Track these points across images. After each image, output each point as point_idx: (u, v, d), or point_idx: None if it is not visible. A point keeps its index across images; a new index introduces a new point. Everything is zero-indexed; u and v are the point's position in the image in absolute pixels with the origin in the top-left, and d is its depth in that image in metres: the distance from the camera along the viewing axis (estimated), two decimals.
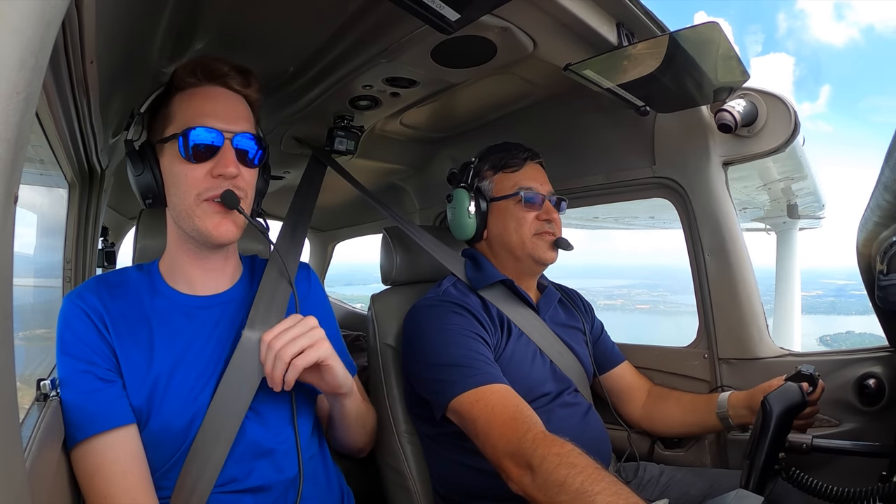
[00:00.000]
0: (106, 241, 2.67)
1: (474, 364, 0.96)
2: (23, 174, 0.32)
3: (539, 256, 1.14)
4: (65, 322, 0.77)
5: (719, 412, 1.11)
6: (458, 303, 1.07)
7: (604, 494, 0.68)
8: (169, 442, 0.76)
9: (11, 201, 0.30)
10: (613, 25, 0.96)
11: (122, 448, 0.73)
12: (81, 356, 0.75)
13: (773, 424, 0.76)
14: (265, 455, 0.81)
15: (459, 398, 0.92)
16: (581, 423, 1.08)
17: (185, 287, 0.85)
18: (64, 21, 0.46)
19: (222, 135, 0.78)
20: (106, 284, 0.82)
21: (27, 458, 0.55)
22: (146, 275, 0.86)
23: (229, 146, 0.78)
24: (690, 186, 1.24)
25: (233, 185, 0.78)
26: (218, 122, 0.78)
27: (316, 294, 0.99)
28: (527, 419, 0.85)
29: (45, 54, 0.31)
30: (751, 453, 0.77)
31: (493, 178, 1.19)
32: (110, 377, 0.75)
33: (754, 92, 1.14)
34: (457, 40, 0.94)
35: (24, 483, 0.38)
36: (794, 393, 0.79)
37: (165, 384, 0.77)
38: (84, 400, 0.73)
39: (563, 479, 0.72)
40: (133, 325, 0.79)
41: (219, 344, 0.82)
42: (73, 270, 1.17)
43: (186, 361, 0.79)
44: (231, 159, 0.78)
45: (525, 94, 1.34)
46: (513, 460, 0.81)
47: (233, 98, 0.83)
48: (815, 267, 76.05)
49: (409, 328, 1.10)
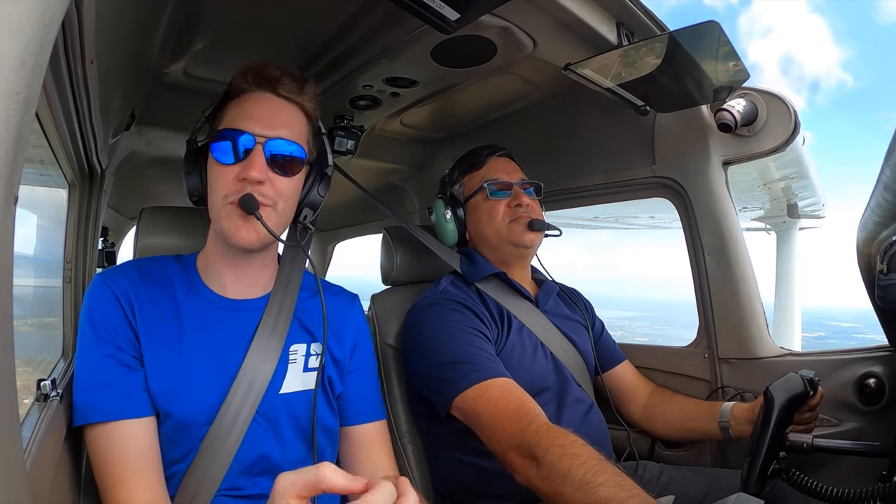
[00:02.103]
0: (106, 241, 2.67)
1: (476, 360, 0.96)
2: (23, 174, 0.32)
3: (516, 240, 1.15)
4: (94, 301, 0.76)
5: (721, 422, 1.10)
6: (457, 300, 1.08)
7: (606, 486, 0.69)
8: (182, 440, 0.75)
9: (11, 201, 0.30)
10: (613, 25, 0.96)
11: (138, 436, 0.72)
12: (107, 338, 0.74)
13: (775, 414, 0.75)
14: (273, 470, 0.79)
15: (463, 395, 0.92)
16: (583, 420, 1.09)
17: (217, 287, 0.84)
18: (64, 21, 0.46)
19: (254, 138, 0.77)
20: (140, 271, 0.81)
21: (27, 458, 0.55)
22: (183, 268, 0.85)
23: (260, 150, 0.77)
24: (690, 186, 1.24)
25: (257, 191, 0.76)
26: (254, 126, 0.77)
27: (352, 323, 0.93)
28: (530, 411, 0.85)
29: (45, 54, 0.31)
30: (753, 447, 0.77)
31: (462, 180, 1.24)
32: (133, 364, 0.75)
33: (754, 91, 1.14)
34: (457, 40, 0.94)
35: (24, 483, 0.38)
36: (796, 383, 0.78)
37: (188, 382, 0.76)
38: (104, 384, 0.72)
39: (566, 469, 0.73)
40: (163, 317, 0.78)
41: (244, 350, 0.80)
42: (73, 271, 1.16)
43: (210, 362, 0.78)
44: (258, 164, 0.76)
45: (525, 94, 1.34)
46: (517, 452, 0.81)
47: (279, 104, 0.81)
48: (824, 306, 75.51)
49: (409, 328, 1.10)
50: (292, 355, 0.84)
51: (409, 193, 2.02)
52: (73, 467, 0.73)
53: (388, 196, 2.01)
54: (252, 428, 0.77)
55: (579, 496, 0.70)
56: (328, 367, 0.86)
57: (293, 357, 0.84)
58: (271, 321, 0.82)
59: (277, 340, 0.82)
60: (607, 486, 0.69)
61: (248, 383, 0.77)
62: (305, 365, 0.85)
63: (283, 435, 0.81)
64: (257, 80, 0.80)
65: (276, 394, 0.80)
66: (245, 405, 0.76)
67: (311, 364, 0.85)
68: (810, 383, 0.95)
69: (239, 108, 0.80)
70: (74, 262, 1.15)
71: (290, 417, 0.81)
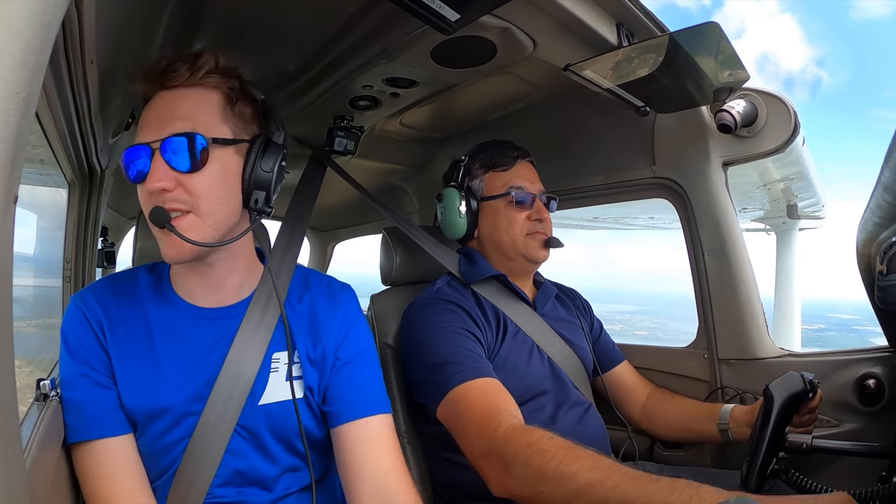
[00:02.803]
0: (106, 241, 2.67)
1: (460, 360, 0.95)
2: (23, 174, 0.32)
3: (531, 256, 1.15)
4: (68, 323, 0.76)
5: (720, 424, 1.10)
6: (451, 300, 1.07)
7: (582, 472, 0.67)
8: (161, 455, 0.74)
9: (11, 201, 0.30)
10: (613, 26, 0.96)
11: (120, 452, 0.72)
12: (80, 359, 0.74)
13: (775, 411, 0.75)
14: (260, 480, 0.77)
15: (446, 398, 0.92)
16: (580, 422, 1.08)
17: (188, 296, 0.79)
18: (64, 21, 0.46)
19: (149, 148, 0.69)
20: (113, 287, 0.79)
21: (27, 457, 0.55)
22: (156, 278, 0.81)
23: (158, 157, 0.69)
24: (690, 187, 1.24)
25: (166, 200, 0.68)
26: (146, 134, 0.70)
27: (338, 315, 0.84)
28: (500, 413, 0.83)
29: (45, 54, 0.31)
30: (752, 445, 0.77)
31: (483, 176, 1.19)
32: (107, 383, 0.74)
33: (754, 92, 1.14)
34: (457, 40, 0.94)
35: (24, 483, 0.38)
36: (796, 381, 0.78)
37: (162, 397, 0.73)
38: (82, 403, 0.72)
39: (537, 468, 0.71)
40: (133, 333, 0.76)
41: (220, 360, 0.76)
42: (72, 270, 1.17)
43: (185, 375, 0.75)
44: (155, 172, 0.68)
45: (525, 94, 1.34)
46: (487, 460, 0.79)
47: (172, 97, 0.72)
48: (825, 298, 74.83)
49: (405, 328, 1.10)
50: (274, 363, 0.79)
51: (409, 194, 2.02)
52: (72, 467, 0.73)
53: (388, 196, 2.01)
54: (234, 440, 0.75)
55: (559, 492, 0.68)
56: (306, 375, 0.80)
57: (275, 366, 0.79)
58: (251, 329, 0.77)
59: (258, 349, 0.77)
60: (583, 473, 0.67)
61: (225, 396, 0.74)
62: (288, 374, 0.79)
63: (267, 446, 0.78)
64: (147, 80, 0.72)
65: (255, 405, 0.76)
66: (224, 418, 0.74)
67: (295, 372, 0.80)
68: (810, 384, 0.95)
69: (141, 119, 0.73)
70: (74, 262, 1.15)
71: (270, 429, 0.78)
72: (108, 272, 2.74)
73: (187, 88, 0.72)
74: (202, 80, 0.73)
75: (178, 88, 0.72)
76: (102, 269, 2.65)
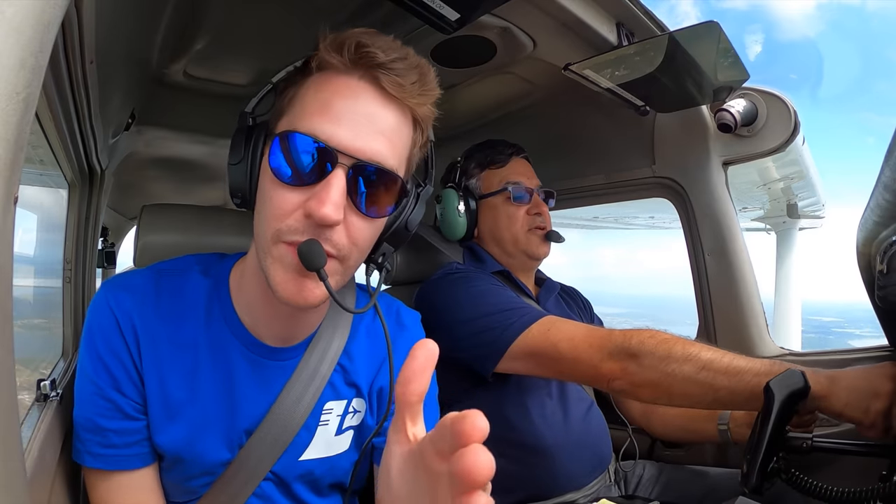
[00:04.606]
0: (106, 241, 2.67)
1: (524, 306, 0.98)
2: (23, 174, 0.32)
3: (532, 252, 1.16)
4: (95, 323, 0.62)
5: (720, 425, 1.09)
6: (475, 273, 1.09)
7: (703, 351, 0.80)
8: (181, 492, 0.68)
9: (11, 202, 0.30)
10: (613, 25, 0.96)
11: (140, 486, 0.65)
12: (104, 375, 0.61)
13: (775, 408, 0.75)
14: None
15: (524, 335, 0.93)
16: (584, 419, 1.09)
17: (252, 325, 0.66)
18: (64, 21, 0.46)
19: (336, 155, 0.53)
20: (155, 287, 0.64)
21: (27, 458, 0.55)
22: (212, 285, 0.66)
23: (341, 176, 0.53)
24: (690, 186, 1.24)
25: (324, 237, 0.54)
26: (340, 134, 0.53)
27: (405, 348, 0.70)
28: (600, 328, 0.92)
29: (45, 54, 0.31)
30: (753, 443, 0.77)
31: (480, 175, 1.21)
32: (136, 413, 0.62)
33: (754, 91, 1.14)
34: (457, 40, 0.94)
35: (24, 484, 0.38)
36: (796, 378, 0.78)
37: (197, 436, 0.64)
38: (105, 430, 0.62)
39: (666, 352, 0.81)
40: (177, 356, 0.63)
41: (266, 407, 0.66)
42: (72, 271, 1.16)
43: (225, 421, 0.65)
44: (336, 198, 0.52)
45: (525, 94, 1.34)
46: (613, 359, 0.85)
47: (379, 103, 0.56)
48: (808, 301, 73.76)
49: (428, 303, 1.05)
50: (325, 415, 0.69)
51: None
52: (73, 468, 0.72)
53: None
54: (264, 484, 0.67)
55: (687, 367, 0.79)
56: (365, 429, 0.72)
57: (325, 418, 0.69)
58: (306, 375, 0.67)
59: (309, 399, 0.66)
60: (704, 351, 0.80)
61: (263, 449, 0.65)
62: (340, 427, 0.70)
63: (298, 493, 0.70)
64: (357, 56, 0.54)
65: (295, 460, 0.68)
66: (258, 470, 0.65)
67: (348, 423, 0.71)
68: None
69: (317, 97, 0.55)
70: (74, 263, 1.15)
71: (307, 482, 0.70)
72: (109, 273, 2.73)
73: (396, 103, 0.56)
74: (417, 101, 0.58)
75: (388, 96, 0.56)
76: (102, 270, 2.64)
